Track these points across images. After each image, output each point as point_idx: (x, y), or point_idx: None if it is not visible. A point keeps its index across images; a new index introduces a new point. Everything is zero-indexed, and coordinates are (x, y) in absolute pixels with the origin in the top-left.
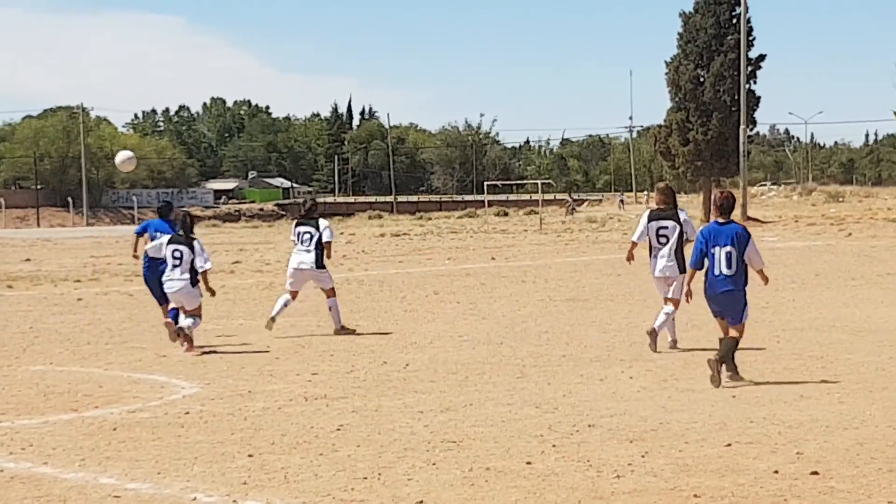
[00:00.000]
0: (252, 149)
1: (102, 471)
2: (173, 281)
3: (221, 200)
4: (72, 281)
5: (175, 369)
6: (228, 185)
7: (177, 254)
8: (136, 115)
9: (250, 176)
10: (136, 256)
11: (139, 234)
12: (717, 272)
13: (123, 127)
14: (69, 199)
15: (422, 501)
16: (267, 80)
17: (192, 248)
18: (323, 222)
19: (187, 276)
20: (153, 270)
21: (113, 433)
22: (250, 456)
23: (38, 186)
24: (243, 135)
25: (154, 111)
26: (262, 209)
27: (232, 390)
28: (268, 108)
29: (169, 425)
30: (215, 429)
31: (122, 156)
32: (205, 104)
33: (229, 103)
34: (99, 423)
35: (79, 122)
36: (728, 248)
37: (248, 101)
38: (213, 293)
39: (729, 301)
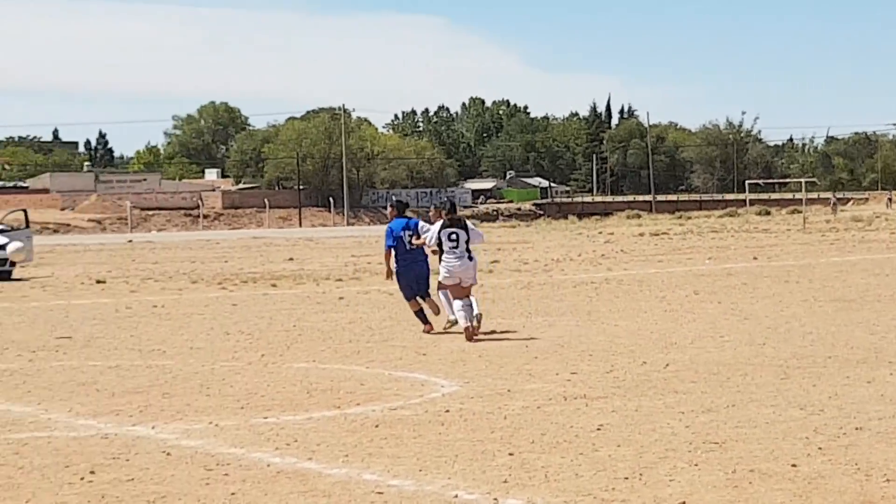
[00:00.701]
0: (510, 148)
1: (365, 467)
2: (457, 259)
3: (479, 200)
4: (333, 280)
5: (435, 368)
6: (486, 184)
7: (453, 236)
8: (396, 116)
9: (508, 175)
10: (389, 275)
11: (393, 246)
12: None
13: (384, 128)
14: (330, 199)
15: (684, 503)
16: (526, 79)
17: (466, 230)
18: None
19: (465, 253)
20: (407, 267)
21: (375, 430)
22: (510, 454)
23: (301, 187)
24: (501, 134)
25: (413, 112)
26: (519, 209)
27: (491, 389)
28: (526, 107)
29: (429, 423)
30: (475, 427)
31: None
32: (464, 104)
33: (488, 103)
34: (361, 420)
35: (340, 124)
36: None
37: (507, 101)
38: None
39: None
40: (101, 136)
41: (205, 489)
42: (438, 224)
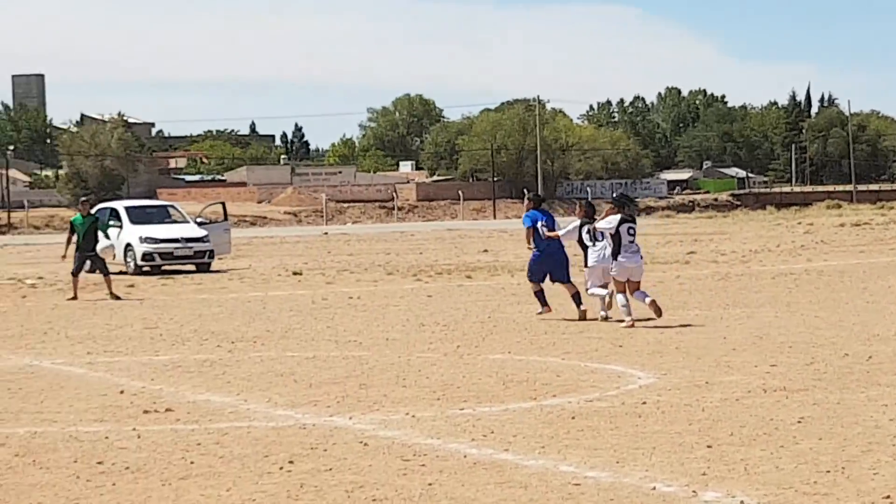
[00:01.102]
0: (707, 138)
1: (562, 458)
2: (632, 255)
3: (675, 191)
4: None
5: (632, 359)
6: (682, 175)
7: (631, 230)
8: (590, 107)
9: (705, 166)
10: (530, 248)
11: (532, 226)
12: None
13: (578, 118)
14: (524, 191)
15: (888, 497)
16: (723, 68)
17: (635, 222)
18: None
19: (638, 249)
20: (549, 254)
21: (571, 422)
22: (709, 447)
23: (495, 179)
24: (698, 124)
25: (609, 102)
26: (716, 199)
27: (689, 381)
28: (723, 97)
29: (626, 415)
30: (673, 419)
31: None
32: (659, 94)
33: (684, 93)
34: (557, 412)
35: (535, 115)
36: None
37: (704, 91)
38: None
39: None
40: (298, 129)
41: (402, 479)
42: (615, 218)
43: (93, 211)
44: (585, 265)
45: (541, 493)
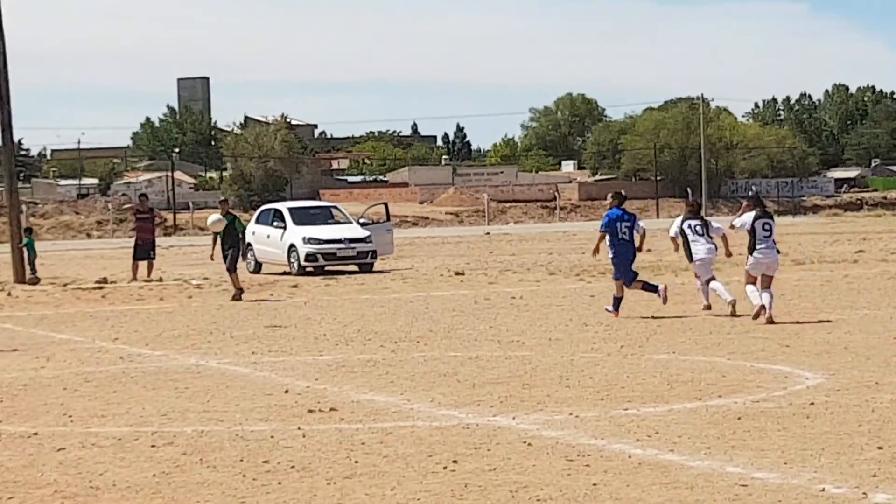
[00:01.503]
0: (875, 136)
1: (728, 459)
2: (768, 249)
3: (842, 189)
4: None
5: (798, 359)
6: (850, 173)
7: (766, 226)
8: (756, 105)
9: (873, 164)
10: (596, 252)
11: (606, 231)
12: None
13: (743, 117)
14: (688, 190)
15: None
16: (892, 64)
17: (773, 219)
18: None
19: (774, 244)
20: (624, 254)
21: (737, 422)
22: (879, 448)
23: (658, 177)
24: (866, 122)
25: (774, 100)
26: (885, 197)
27: (858, 381)
28: (892, 93)
29: (794, 416)
30: (842, 420)
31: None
32: (826, 91)
33: (852, 89)
34: (723, 413)
35: (699, 113)
36: None
37: (872, 87)
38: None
39: None
40: (459, 129)
41: (566, 479)
42: (751, 214)
43: (258, 214)
44: (690, 260)
45: (707, 495)
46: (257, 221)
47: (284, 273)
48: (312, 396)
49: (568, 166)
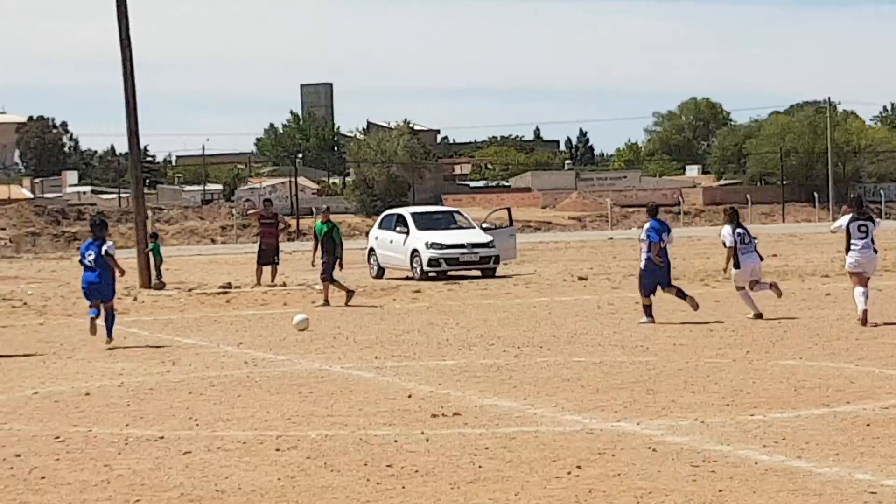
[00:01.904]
0: None
1: (857, 466)
2: (865, 250)
3: None
4: (819, 276)
5: None
6: None
7: (863, 228)
8: (884, 108)
9: None
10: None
11: (659, 240)
12: None
13: (871, 120)
14: (814, 195)
15: None
16: None
17: (874, 222)
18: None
19: (871, 245)
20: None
21: (866, 429)
22: None
23: (784, 182)
24: None
25: None
26: None
27: None
28: None
29: None
30: None
31: (297, 318)
32: None
33: None
34: (852, 419)
35: (825, 117)
36: None
37: None
38: None
39: None
40: (582, 134)
41: (692, 486)
42: (846, 217)
43: (381, 219)
44: (736, 266)
45: (836, 502)
46: (380, 227)
47: (407, 278)
48: (436, 401)
49: (692, 171)
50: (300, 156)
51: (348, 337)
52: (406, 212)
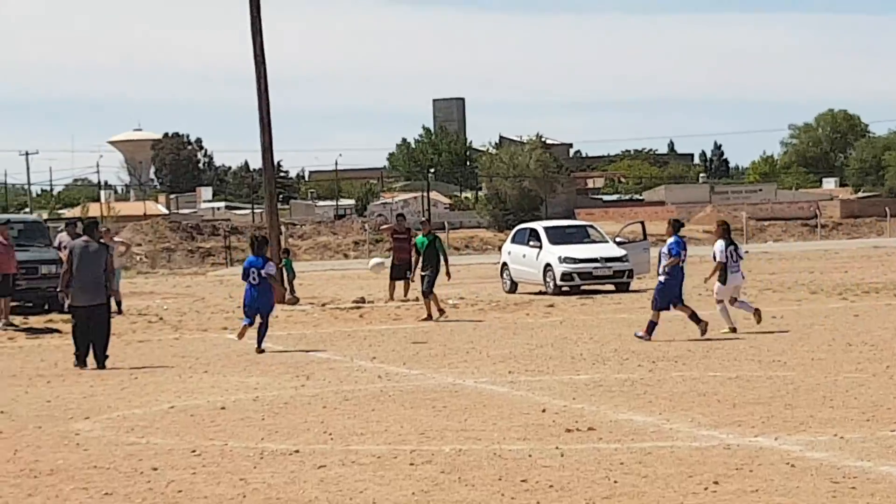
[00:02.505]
0: None
1: None
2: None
3: None
4: None
5: None
6: None
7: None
8: None
9: None
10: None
11: (678, 255)
12: None
13: None
14: None
15: None
16: None
17: None
18: None
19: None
20: (671, 282)
21: None
22: None
23: None
24: None
25: None
26: None
27: None
28: None
29: None
30: None
31: (373, 262)
32: None
33: None
34: None
35: None
36: None
37: None
38: None
39: None
40: (717, 147)
41: (831, 502)
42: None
43: (513, 233)
44: (723, 282)
45: None
46: (513, 241)
47: (540, 293)
48: (570, 416)
49: (829, 183)
50: (432, 170)
51: (482, 351)
52: (539, 226)
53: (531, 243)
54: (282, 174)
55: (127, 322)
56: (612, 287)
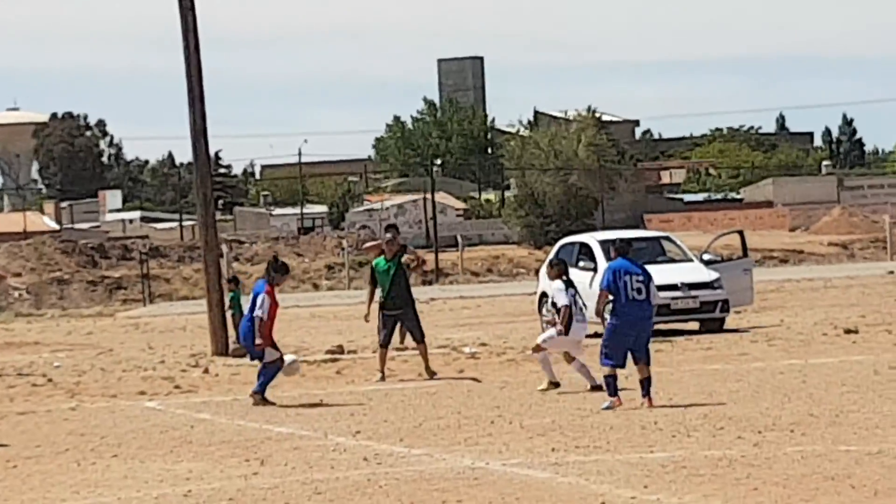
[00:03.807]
0: None
1: None
2: None
3: None
4: None
5: None
6: None
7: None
8: None
9: None
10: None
11: (609, 287)
12: None
13: None
14: None
15: None
16: None
17: None
18: None
19: None
20: (629, 321)
21: None
22: None
23: None
24: None
25: None
26: None
27: None
28: None
29: None
30: None
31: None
32: None
33: None
34: None
35: None
36: None
37: None
38: None
39: None
40: (847, 122)
41: None
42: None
43: (556, 250)
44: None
45: None
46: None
47: (595, 335)
48: None
49: None
50: (438, 161)
51: (513, 421)
52: (592, 239)
53: (581, 264)
54: (222, 170)
55: (2, 386)
56: (697, 325)
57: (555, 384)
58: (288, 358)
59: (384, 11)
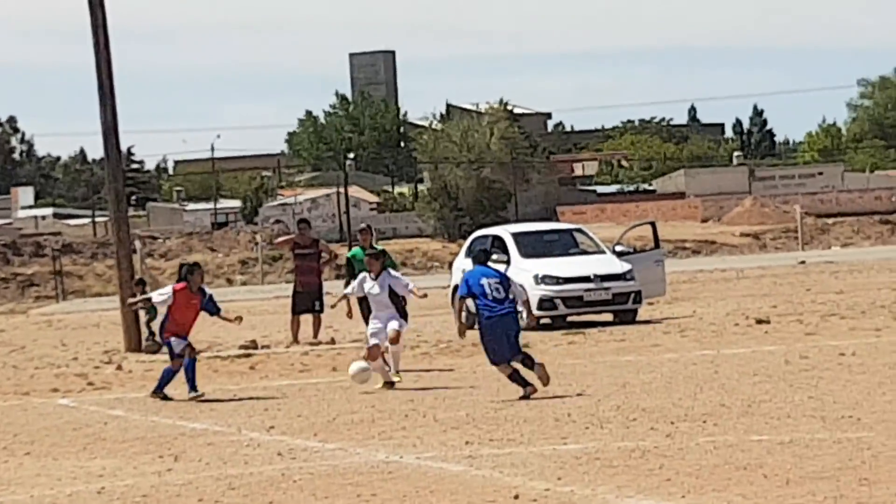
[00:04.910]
0: None
1: None
2: None
3: None
4: None
5: None
6: None
7: None
8: None
9: None
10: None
11: (467, 295)
12: None
13: None
14: None
15: None
16: None
17: None
18: None
19: None
20: (493, 322)
21: None
22: None
23: None
24: None
25: None
26: None
27: None
28: None
29: None
30: None
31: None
32: None
33: None
34: None
35: None
36: None
37: None
38: None
39: None
40: (757, 113)
41: None
42: None
43: (469, 243)
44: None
45: None
46: (469, 254)
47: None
48: (554, 503)
49: None
50: (351, 155)
51: (426, 414)
52: (505, 232)
53: (494, 257)
54: (135, 166)
55: None
56: (611, 317)
57: (389, 384)
58: (357, 366)
59: (296, 5)
